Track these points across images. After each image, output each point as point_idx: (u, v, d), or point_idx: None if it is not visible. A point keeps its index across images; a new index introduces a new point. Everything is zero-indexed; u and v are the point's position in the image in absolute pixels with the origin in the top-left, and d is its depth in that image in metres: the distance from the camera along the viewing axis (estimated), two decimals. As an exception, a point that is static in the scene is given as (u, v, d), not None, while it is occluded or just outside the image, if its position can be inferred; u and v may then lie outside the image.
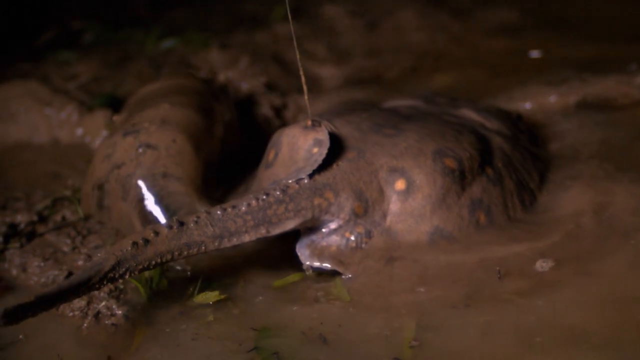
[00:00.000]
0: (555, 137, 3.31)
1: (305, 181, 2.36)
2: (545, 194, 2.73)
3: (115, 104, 3.70)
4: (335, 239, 2.42)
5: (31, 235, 2.82)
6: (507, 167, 2.67)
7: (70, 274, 2.58)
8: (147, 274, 2.53)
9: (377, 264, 2.39)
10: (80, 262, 2.62)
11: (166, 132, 2.79)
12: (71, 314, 2.40)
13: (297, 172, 2.40)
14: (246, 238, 2.29)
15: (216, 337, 2.24)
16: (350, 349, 2.15)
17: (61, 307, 2.43)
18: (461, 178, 2.49)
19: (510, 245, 2.45)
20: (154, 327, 2.33)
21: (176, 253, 2.20)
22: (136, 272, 2.16)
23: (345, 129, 2.57)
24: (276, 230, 2.33)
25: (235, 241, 2.28)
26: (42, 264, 2.64)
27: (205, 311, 2.37)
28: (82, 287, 2.05)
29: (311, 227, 2.44)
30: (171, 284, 2.51)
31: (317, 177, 2.38)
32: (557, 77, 3.86)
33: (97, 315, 2.40)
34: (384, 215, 2.43)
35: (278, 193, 2.32)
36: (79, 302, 2.44)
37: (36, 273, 2.63)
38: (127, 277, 2.14)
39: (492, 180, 2.57)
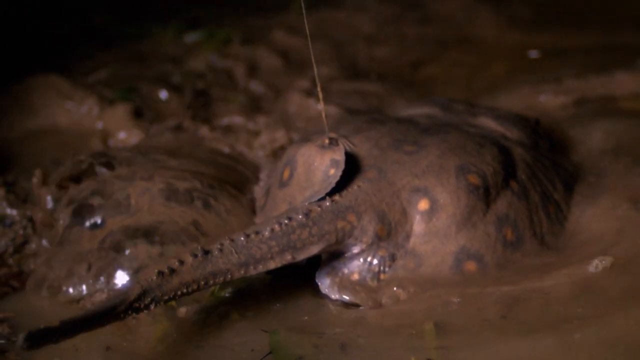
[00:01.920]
0: (566, 139, 3.26)
1: (327, 204, 2.28)
2: (572, 206, 2.66)
3: (135, 98, 3.71)
4: (357, 264, 2.35)
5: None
6: (531, 180, 2.59)
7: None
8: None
9: (401, 291, 2.33)
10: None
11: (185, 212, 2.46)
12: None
13: (313, 195, 2.32)
14: (272, 265, 2.21)
15: (225, 344, 2.22)
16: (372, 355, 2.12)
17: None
18: (486, 194, 2.41)
19: (547, 261, 2.40)
20: (171, 324, 2.32)
21: (202, 282, 2.11)
22: (162, 303, 2.07)
23: (364, 147, 2.49)
24: (301, 256, 2.25)
25: (261, 268, 2.20)
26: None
27: (222, 310, 2.35)
28: (108, 316, 1.98)
29: (333, 252, 2.36)
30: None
31: (339, 199, 2.30)
32: (560, 74, 3.85)
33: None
34: (407, 237, 2.36)
35: (300, 217, 2.24)
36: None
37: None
38: (152, 307, 2.06)
39: (517, 194, 2.50)
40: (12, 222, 2.79)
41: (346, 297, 2.34)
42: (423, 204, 2.36)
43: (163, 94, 3.86)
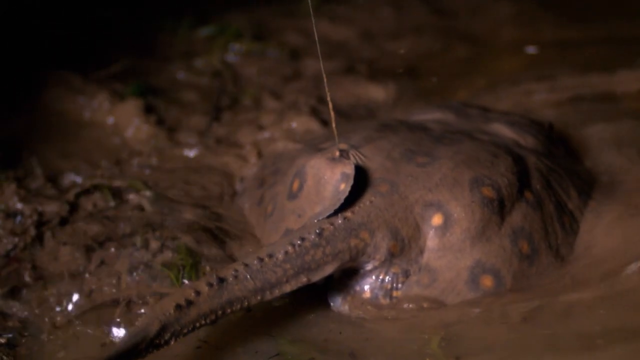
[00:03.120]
0: (565, 136, 3.22)
1: (340, 221, 2.23)
2: (588, 212, 2.62)
3: (147, 93, 3.70)
4: (369, 282, 2.31)
5: (62, 224, 2.81)
6: (546, 189, 2.54)
7: (101, 262, 2.58)
8: (178, 261, 2.52)
9: (414, 306, 2.30)
10: (112, 250, 2.62)
11: None
12: (102, 301, 2.42)
13: (322, 212, 2.27)
14: (287, 288, 2.17)
15: (227, 345, 2.20)
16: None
17: (93, 296, 2.45)
18: (500, 207, 2.36)
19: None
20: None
21: (219, 312, 2.07)
22: (181, 336, 2.03)
23: (376, 159, 2.43)
24: (316, 277, 2.21)
25: (277, 293, 2.15)
26: (73, 252, 2.63)
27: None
28: (130, 356, 1.95)
29: (344, 269, 2.31)
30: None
31: (351, 216, 2.25)
32: (558, 72, 3.86)
33: (128, 303, 2.39)
34: (421, 252, 2.32)
35: (313, 237, 2.19)
36: (111, 291, 2.44)
37: (67, 261, 2.62)
38: (172, 342, 2.02)
39: (532, 205, 2.45)
40: (22, 217, 2.79)
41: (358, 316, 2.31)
42: (436, 219, 2.32)
43: (174, 89, 3.86)
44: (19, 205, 2.81)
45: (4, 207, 2.79)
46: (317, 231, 2.20)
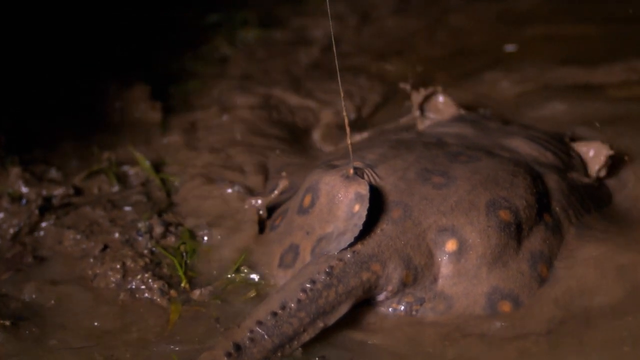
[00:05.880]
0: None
1: (349, 255, 2.12)
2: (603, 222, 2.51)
3: (154, 80, 3.67)
4: (381, 311, 2.22)
5: (67, 208, 2.79)
6: (566, 211, 2.42)
7: (105, 247, 2.55)
8: (181, 247, 2.50)
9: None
10: (116, 235, 2.59)
11: None
12: (105, 286, 2.41)
13: (337, 240, 2.16)
14: (306, 337, 2.06)
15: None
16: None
17: (97, 280, 2.43)
18: (518, 231, 2.24)
19: None
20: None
21: None
22: None
23: (390, 179, 2.31)
24: (332, 320, 2.10)
25: (296, 345, 2.05)
26: (77, 236, 2.61)
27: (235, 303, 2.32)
28: None
29: None
30: (209, 262, 2.50)
31: (360, 248, 2.13)
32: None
33: (132, 289, 2.37)
34: (435, 280, 2.20)
35: (324, 277, 2.08)
36: (115, 275, 2.42)
37: (71, 245, 2.59)
38: None
39: (552, 228, 2.33)
40: (27, 201, 2.77)
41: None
42: (451, 245, 2.20)
43: (181, 76, 3.83)
44: (24, 189, 2.79)
45: (9, 191, 2.77)
46: (327, 270, 2.10)
